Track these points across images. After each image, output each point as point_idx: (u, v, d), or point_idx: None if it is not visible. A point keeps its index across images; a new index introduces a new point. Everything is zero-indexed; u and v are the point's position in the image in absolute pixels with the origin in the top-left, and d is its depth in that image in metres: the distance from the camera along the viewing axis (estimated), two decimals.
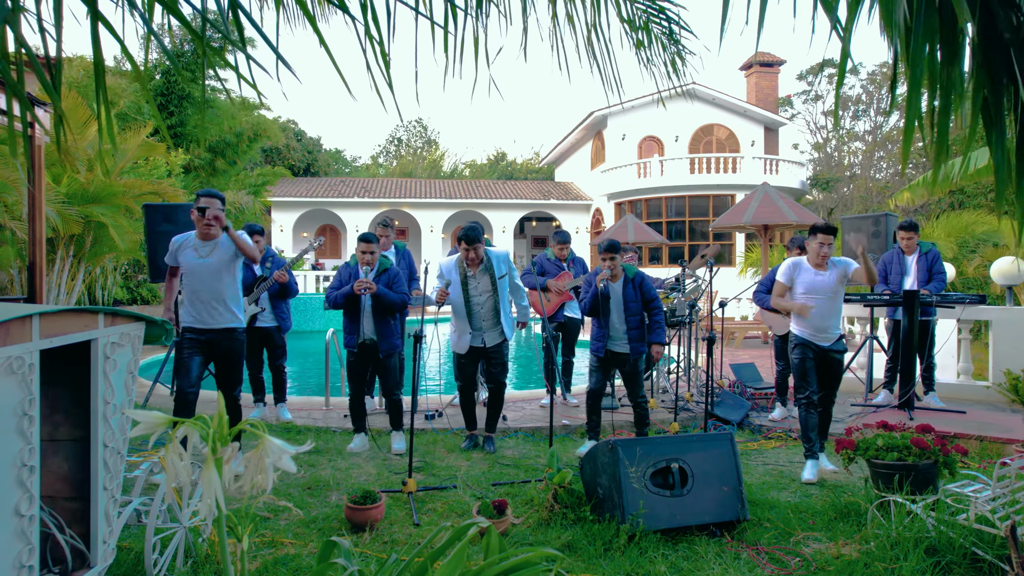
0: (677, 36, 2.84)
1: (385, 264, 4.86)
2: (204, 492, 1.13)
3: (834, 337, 4.45)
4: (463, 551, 1.55)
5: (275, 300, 5.72)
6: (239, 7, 1.30)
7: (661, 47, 2.80)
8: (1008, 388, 6.41)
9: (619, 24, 2.64)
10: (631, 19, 2.64)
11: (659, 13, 2.72)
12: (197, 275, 4.13)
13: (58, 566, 2.24)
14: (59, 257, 8.70)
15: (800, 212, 10.97)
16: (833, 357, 4.46)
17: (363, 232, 4.86)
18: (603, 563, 3.00)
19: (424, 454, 4.85)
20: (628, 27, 2.65)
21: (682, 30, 2.80)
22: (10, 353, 1.85)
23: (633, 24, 2.66)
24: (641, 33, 2.69)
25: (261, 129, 17.34)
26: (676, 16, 2.76)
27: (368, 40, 1.52)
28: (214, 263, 4.13)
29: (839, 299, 4.46)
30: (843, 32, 1.33)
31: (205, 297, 4.13)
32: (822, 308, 4.40)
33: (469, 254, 4.77)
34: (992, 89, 1.32)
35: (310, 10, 1.44)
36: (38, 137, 4.92)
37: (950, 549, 2.82)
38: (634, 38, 2.69)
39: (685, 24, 2.79)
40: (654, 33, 2.74)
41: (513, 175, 38.08)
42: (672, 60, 2.85)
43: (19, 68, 1.15)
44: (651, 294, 4.88)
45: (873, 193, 27.42)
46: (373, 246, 4.75)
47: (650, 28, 2.71)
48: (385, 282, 4.79)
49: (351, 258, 4.99)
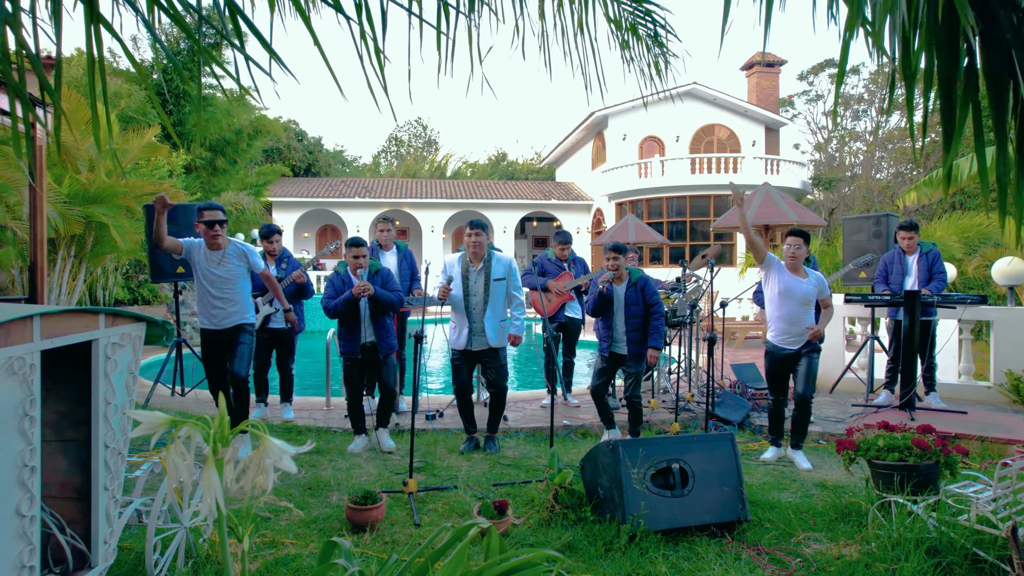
0: (663, 39, 2.89)
1: (375, 266, 4.96)
2: (205, 492, 1.13)
3: (803, 341, 4.67)
4: (464, 551, 1.55)
5: (290, 301, 5.69)
6: (233, 4, 1.30)
7: (646, 48, 2.85)
8: (1009, 388, 6.41)
9: (606, 24, 2.67)
10: (618, 20, 2.67)
11: (645, 16, 2.76)
12: (208, 282, 4.54)
13: (59, 566, 2.24)
14: (60, 257, 8.70)
15: (801, 212, 10.96)
16: (805, 355, 4.68)
17: (351, 237, 4.91)
18: (604, 564, 3.00)
19: (425, 454, 4.85)
20: (615, 27, 2.67)
21: (668, 33, 2.86)
22: (11, 353, 1.85)
23: (620, 25, 2.68)
24: (627, 34, 2.71)
25: (261, 126, 17.31)
26: (663, 19, 2.81)
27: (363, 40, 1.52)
28: (224, 273, 4.54)
29: (810, 307, 4.69)
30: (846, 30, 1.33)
31: (217, 302, 4.56)
32: (792, 312, 4.66)
33: (472, 239, 4.87)
34: (994, 89, 1.32)
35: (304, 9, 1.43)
36: (39, 138, 4.92)
37: (951, 550, 2.82)
38: (620, 38, 2.72)
39: (670, 28, 2.85)
40: (640, 34, 2.78)
41: (514, 175, 38.07)
42: (656, 62, 2.90)
43: (20, 68, 1.15)
44: (653, 298, 4.90)
45: (875, 193, 27.41)
46: (363, 249, 4.82)
47: (636, 30, 2.74)
48: (379, 283, 4.88)
49: (339, 265, 5.01)
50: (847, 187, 29.80)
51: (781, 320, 4.71)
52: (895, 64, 1.34)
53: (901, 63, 1.33)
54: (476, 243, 4.89)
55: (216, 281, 4.55)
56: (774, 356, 4.79)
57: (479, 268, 4.92)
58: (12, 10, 1.11)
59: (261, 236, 5.89)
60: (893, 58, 1.34)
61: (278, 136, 21.31)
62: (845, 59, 1.34)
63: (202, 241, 4.57)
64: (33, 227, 5.01)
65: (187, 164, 14.98)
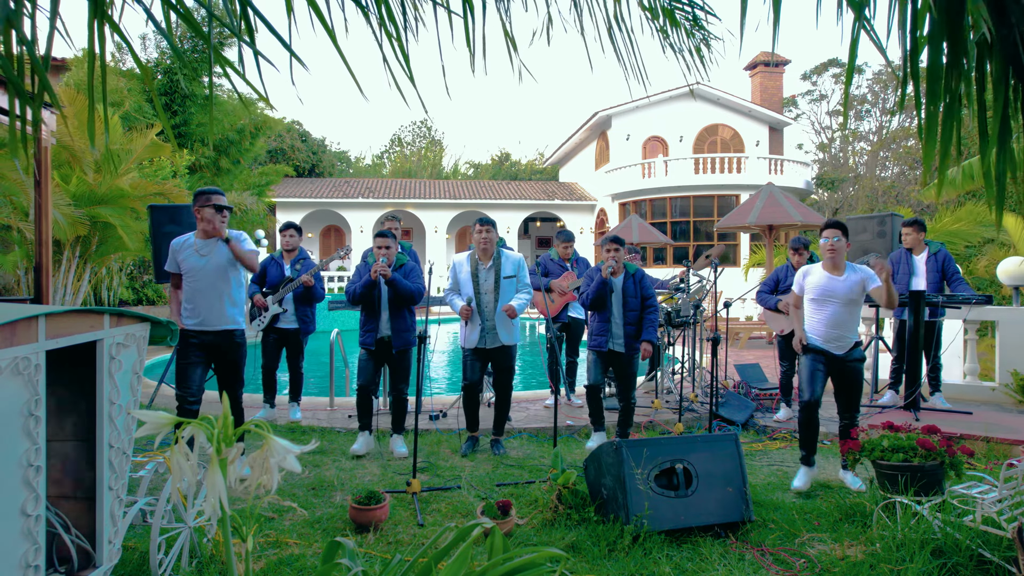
0: (702, 21, 2.67)
1: (402, 259, 4.93)
2: (209, 492, 1.14)
3: (848, 345, 4.18)
4: (467, 552, 1.55)
5: (299, 303, 5.68)
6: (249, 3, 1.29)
7: (686, 34, 2.62)
8: (1015, 389, 6.38)
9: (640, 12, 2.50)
10: (653, 7, 2.50)
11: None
12: (199, 275, 4.10)
13: (64, 566, 2.25)
14: (65, 258, 8.74)
15: (805, 212, 10.94)
16: (851, 367, 4.19)
17: (380, 230, 4.92)
18: (607, 564, 2.99)
19: (428, 455, 4.85)
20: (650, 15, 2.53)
21: (707, 15, 2.65)
22: (16, 353, 1.85)
23: (655, 11, 2.51)
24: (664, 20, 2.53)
25: (263, 123, 17.31)
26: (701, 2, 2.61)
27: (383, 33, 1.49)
28: (215, 262, 4.11)
29: (855, 307, 4.18)
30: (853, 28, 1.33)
31: (207, 297, 4.09)
32: (835, 314, 4.16)
33: (481, 235, 4.88)
34: (1008, 85, 1.31)
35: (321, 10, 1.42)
36: (44, 139, 4.93)
37: (956, 551, 2.81)
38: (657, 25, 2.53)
39: (709, 8, 2.63)
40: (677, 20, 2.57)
41: (517, 175, 38.07)
42: (698, 47, 2.68)
43: (19, 67, 1.15)
44: (649, 291, 4.94)
45: (879, 193, 27.32)
46: (389, 240, 4.80)
47: (674, 15, 2.54)
48: (402, 274, 4.85)
49: (368, 255, 5.02)
50: (851, 187, 29.72)
51: (822, 323, 4.21)
52: (906, 51, 1.32)
53: (908, 59, 1.32)
54: (486, 239, 4.89)
55: (202, 274, 4.10)
56: (819, 354, 4.21)
57: (488, 266, 4.93)
58: (15, 8, 1.11)
59: (280, 230, 5.92)
60: (905, 47, 1.32)
61: (279, 133, 21.28)
62: (853, 59, 1.33)
63: (190, 236, 4.19)
64: (39, 228, 5.03)
65: (191, 164, 15.01)
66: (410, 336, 4.91)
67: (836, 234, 4.18)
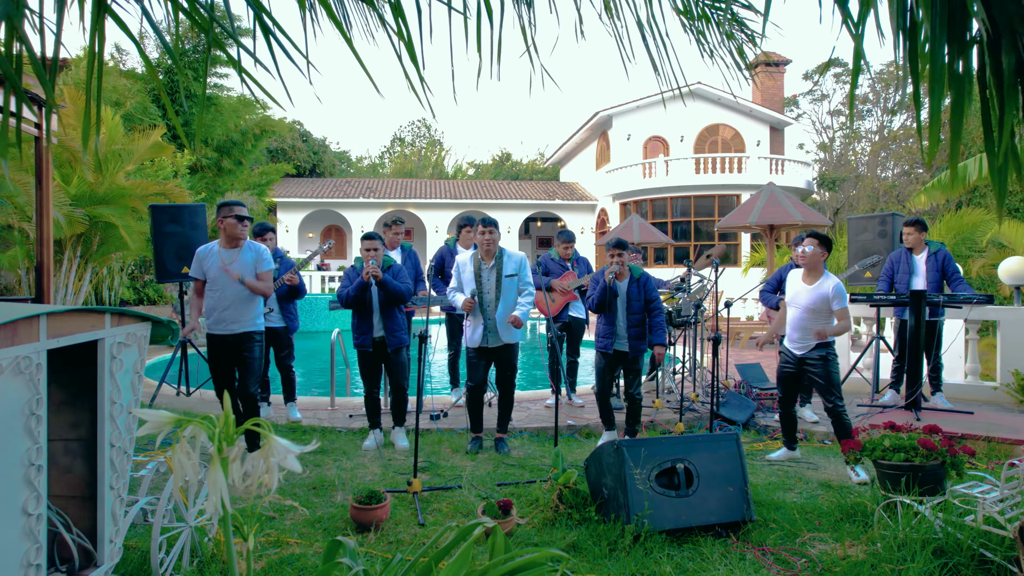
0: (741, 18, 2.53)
1: (389, 261, 5.07)
2: (210, 492, 1.14)
3: (809, 347, 4.51)
4: (468, 551, 1.55)
5: (283, 301, 5.75)
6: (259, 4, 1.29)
7: (726, 35, 2.50)
8: (1016, 389, 6.37)
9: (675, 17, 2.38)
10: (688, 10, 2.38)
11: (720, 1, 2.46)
12: (221, 283, 4.44)
13: (65, 565, 2.25)
14: (66, 258, 8.74)
15: (806, 212, 10.92)
16: (811, 363, 4.51)
17: (367, 232, 5.01)
18: (608, 564, 2.99)
19: (429, 454, 4.86)
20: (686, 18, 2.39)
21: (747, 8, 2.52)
22: (18, 353, 1.85)
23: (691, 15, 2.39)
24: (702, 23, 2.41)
25: (267, 125, 17.31)
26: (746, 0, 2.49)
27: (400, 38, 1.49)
28: (237, 270, 4.45)
29: (819, 316, 4.44)
30: (855, 29, 1.32)
31: (229, 303, 4.43)
32: (799, 318, 4.52)
33: (485, 236, 4.92)
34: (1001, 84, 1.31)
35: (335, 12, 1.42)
36: (45, 138, 4.94)
37: (958, 550, 2.81)
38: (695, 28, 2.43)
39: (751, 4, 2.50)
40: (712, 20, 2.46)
41: (518, 175, 38.06)
42: (740, 48, 2.55)
43: (18, 66, 1.15)
44: (653, 294, 4.99)
45: (880, 193, 27.30)
46: (376, 243, 4.93)
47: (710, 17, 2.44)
48: (391, 275, 4.99)
49: (356, 260, 5.16)
50: (852, 187, 29.70)
51: (789, 324, 4.64)
52: (906, 50, 1.32)
53: (908, 57, 1.32)
54: (489, 240, 4.92)
55: (228, 283, 4.46)
56: (784, 354, 4.70)
57: (491, 265, 4.95)
58: (16, 6, 1.11)
59: (254, 234, 5.89)
60: (903, 45, 1.32)
61: (283, 135, 21.29)
62: (859, 60, 1.33)
63: (214, 244, 4.54)
64: (39, 227, 5.03)
65: (192, 164, 15.01)
66: (402, 335, 5.09)
67: (811, 243, 4.43)
